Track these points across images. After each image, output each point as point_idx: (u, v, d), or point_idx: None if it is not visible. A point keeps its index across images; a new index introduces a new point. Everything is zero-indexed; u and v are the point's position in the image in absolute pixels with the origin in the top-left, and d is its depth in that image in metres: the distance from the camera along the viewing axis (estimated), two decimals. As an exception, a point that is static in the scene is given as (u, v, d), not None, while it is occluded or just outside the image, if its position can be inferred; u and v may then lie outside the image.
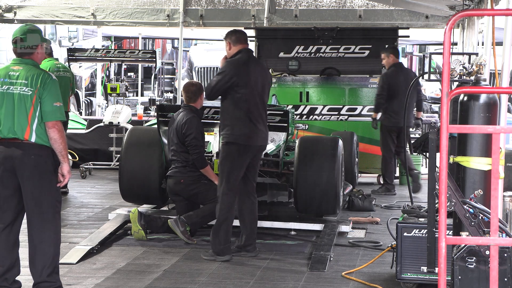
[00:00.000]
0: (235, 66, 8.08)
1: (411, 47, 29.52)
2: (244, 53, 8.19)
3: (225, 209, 8.06)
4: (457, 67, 6.50)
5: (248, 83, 8.05)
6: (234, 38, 8.20)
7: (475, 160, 5.53)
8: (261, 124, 8.14)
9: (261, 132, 8.15)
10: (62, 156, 6.35)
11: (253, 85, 8.08)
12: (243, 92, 8.03)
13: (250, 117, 8.05)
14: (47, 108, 6.30)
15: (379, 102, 12.34)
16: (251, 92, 8.06)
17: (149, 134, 9.86)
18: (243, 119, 8.04)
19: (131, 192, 9.69)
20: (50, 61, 11.71)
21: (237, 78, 8.02)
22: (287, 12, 15.49)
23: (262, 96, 8.19)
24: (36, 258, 6.37)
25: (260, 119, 8.12)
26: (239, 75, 8.04)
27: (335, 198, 9.43)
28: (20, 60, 6.46)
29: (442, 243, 4.03)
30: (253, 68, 8.16)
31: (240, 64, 8.10)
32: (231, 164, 8.05)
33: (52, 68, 11.57)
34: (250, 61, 8.18)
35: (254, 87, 8.09)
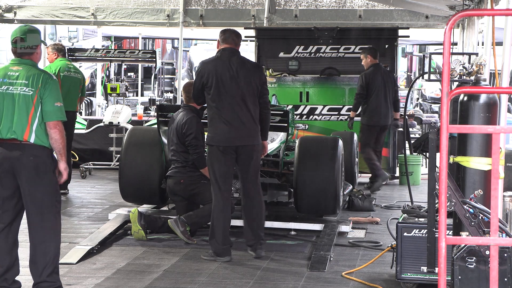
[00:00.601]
0: (203, 66, 8.10)
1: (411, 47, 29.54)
2: (221, 52, 8.14)
3: (214, 211, 8.08)
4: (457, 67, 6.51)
5: (217, 82, 8.00)
6: (222, 37, 8.21)
7: (475, 160, 5.53)
8: (239, 124, 8.03)
9: (239, 132, 8.04)
10: (60, 154, 6.36)
11: (226, 84, 8.01)
12: (212, 92, 8.02)
13: (223, 118, 8.00)
14: (49, 108, 6.30)
15: (358, 101, 12.46)
16: (222, 91, 8.00)
17: (149, 134, 9.86)
18: (215, 120, 8.04)
19: (131, 192, 9.69)
20: (62, 61, 11.77)
21: (205, 78, 8.03)
22: (287, 12, 15.48)
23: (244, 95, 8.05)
24: (36, 258, 6.37)
25: (237, 119, 8.01)
26: (207, 74, 8.03)
27: (335, 198, 9.42)
28: (19, 61, 6.45)
29: (442, 243, 4.03)
30: (227, 66, 8.04)
31: (208, 63, 8.11)
32: (212, 166, 8.08)
33: (63, 68, 11.63)
34: (223, 59, 8.08)
35: (228, 86, 8.01)
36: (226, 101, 8.01)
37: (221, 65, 8.06)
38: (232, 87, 8.02)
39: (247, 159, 8.14)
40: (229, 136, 8.02)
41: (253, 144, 8.14)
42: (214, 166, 8.08)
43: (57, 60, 11.75)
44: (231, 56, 8.12)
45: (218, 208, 8.08)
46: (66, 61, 11.86)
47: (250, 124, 8.09)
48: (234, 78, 8.04)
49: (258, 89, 8.15)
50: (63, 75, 11.52)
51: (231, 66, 8.07)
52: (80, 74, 11.96)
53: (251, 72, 8.15)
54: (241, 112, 8.03)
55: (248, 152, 8.12)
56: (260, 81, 8.20)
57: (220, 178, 8.06)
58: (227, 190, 8.15)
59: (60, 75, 11.50)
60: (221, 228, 8.06)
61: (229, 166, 8.10)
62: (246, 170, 8.17)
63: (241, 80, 8.06)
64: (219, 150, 8.03)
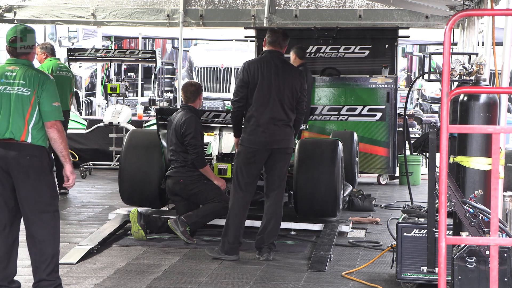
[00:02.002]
0: (248, 65, 8.04)
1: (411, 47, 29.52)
2: (267, 53, 8.13)
3: (232, 210, 8.08)
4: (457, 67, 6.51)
5: (259, 83, 7.98)
6: (270, 39, 8.15)
7: (475, 160, 5.54)
8: (274, 126, 7.99)
9: (274, 135, 8.01)
10: (63, 156, 6.32)
11: (268, 85, 7.99)
12: (253, 93, 8.00)
13: (260, 118, 7.99)
14: (46, 108, 6.29)
15: None
16: (263, 92, 7.98)
17: (149, 137, 9.86)
18: (252, 120, 8.02)
19: (131, 195, 9.69)
20: (52, 61, 11.74)
21: (248, 77, 7.99)
22: (287, 12, 15.48)
23: (283, 98, 8.01)
24: (36, 257, 6.36)
25: (273, 121, 7.98)
26: (251, 74, 7.99)
27: (335, 200, 9.42)
28: (16, 60, 6.44)
29: (442, 243, 4.03)
30: (271, 68, 8.02)
31: (253, 63, 8.07)
32: (240, 166, 8.06)
33: (55, 68, 11.61)
34: (268, 61, 8.05)
35: (269, 88, 7.99)
36: (266, 103, 7.99)
37: (266, 66, 8.03)
38: (273, 89, 8.01)
39: (278, 162, 8.11)
40: (263, 139, 8.00)
41: (287, 147, 8.14)
42: (242, 167, 8.03)
43: (47, 60, 11.70)
44: (275, 58, 8.11)
45: (236, 210, 8.05)
46: (57, 61, 11.85)
47: (285, 128, 8.08)
48: (276, 80, 8.02)
49: (298, 94, 8.14)
50: (56, 75, 11.41)
51: (275, 68, 8.05)
52: (70, 73, 11.94)
53: (293, 77, 8.13)
54: (279, 115, 8.02)
55: (280, 155, 8.10)
56: (301, 87, 8.18)
57: (244, 179, 8.03)
58: (250, 193, 8.12)
59: (52, 75, 11.48)
60: (234, 228, 8.04)
61: (258, 169, 8.09)
62: (274, 173, 8.13)
63: (283, 84, 8.04)
64: (251, 152, 8.01)
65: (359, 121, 13.15)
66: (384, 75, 13.26)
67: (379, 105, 13.10)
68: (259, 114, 7.99)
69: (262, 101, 7.98)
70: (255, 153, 8.01)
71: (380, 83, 13.10)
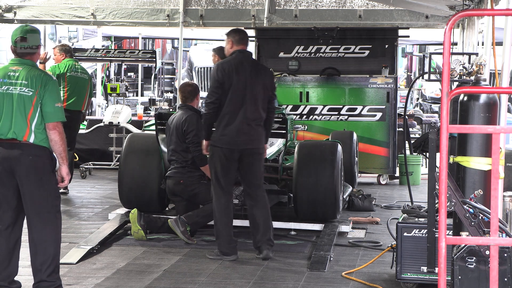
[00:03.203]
0: (221, 66, 8.05)
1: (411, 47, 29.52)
2: (238, 53, 8.13)
3: (217, 212, 8.08)
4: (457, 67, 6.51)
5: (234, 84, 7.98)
6: (237, 38, 8.18)
7: (475, 160, 5.54)
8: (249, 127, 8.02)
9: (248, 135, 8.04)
10: (62, 158, 6.35)
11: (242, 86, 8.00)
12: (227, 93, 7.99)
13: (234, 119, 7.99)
14: (49, 109, 6.30)
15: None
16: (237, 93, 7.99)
17: (148, 141, 9.86)
18: (225, 121, 8.00)
19: (131, 199, 9.69)
20: (69, 61, 11.83)
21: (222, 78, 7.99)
22: (287, 12, 15.48)
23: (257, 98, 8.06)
24: (37, 258, 6.36)
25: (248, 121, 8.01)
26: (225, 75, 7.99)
27: (335, 203, 9.43)
28: (19, 61, 6.45)
29: (442, 243, 4.03)
30: (244, 69, 8.05)
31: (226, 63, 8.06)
32: (215, 167, 8.08)
33: (70, 68, 11.68)
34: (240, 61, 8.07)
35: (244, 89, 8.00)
36: (241, 102, 8.00)
37: (240, 66, 8.06)
38: (248, 89, 8.03)
39: (253, 162, 8.15)
40: (237, 139, 8.02)
41: (258, 147, 8.17)
42: (217, 168, 8.06)
43: (64, 60, 11.80)
44: (247, 58, 8.17)
45: (220, 209, 8.07)
46: (74, 62, 11.91)
47: (258, 128, 8.11)
48: (250, 80, 8.05)
49: (270, 93, 8.20)
50: (70, 75, 11.64)
51: (248, 68, 8.08)
52: (87, 75, 12.01)
53: (266, 76, 8.21)
54: (253, 115, 8.05)
55: (254, 155, 8.14)
56: (272, 86, 8.26)
57: (223, 179, 8.06)
58: (230, 192, 8.17)
59: (67, 75, 11.58)
60: (225, 228, 8.06)
61: (233, 168, 8.10)
62: (251, 173, 8.17)
63: (257, 83, 8.08)
64: (226, 152, 8.02)
65: (359, 121, 13.15)
66: (384, 75, 13.27)
67: (379, 105, 13.11)
68: (234, 114, 7.99)
69: (237, 101, 7.99)
70: (230, 152, 8.03)
71: (380, 83, 13.11)
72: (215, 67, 8.15)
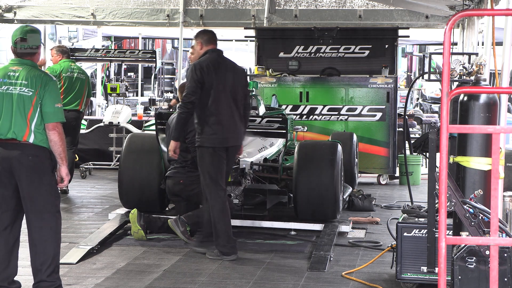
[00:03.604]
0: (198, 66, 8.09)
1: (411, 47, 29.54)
2: (211, 53, 8.21)
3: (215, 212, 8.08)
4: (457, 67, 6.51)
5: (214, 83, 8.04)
6: (206, 38, 8.31)
7: (475, 160, 5.53)
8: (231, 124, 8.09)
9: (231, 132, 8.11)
10: (61, 158, 6.35)
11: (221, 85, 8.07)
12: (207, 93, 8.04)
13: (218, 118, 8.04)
14: (48, 110, 6.30)
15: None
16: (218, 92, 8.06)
17: (148, 141, 9.86)
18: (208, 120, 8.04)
19: (131, 199, 9.69)
20: (65, 62, 11.89)
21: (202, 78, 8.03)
22: (287, 12, 15.49)
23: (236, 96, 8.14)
24: (37, 258, 6.36)
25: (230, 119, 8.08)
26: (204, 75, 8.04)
27: (335, 203, 9.43)
28: (19, 61, 6.45)
29: (442, 243, 4.03)
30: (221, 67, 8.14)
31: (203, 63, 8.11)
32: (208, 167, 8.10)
33: (66, 69, 11.72)
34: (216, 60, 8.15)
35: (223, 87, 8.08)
36: (223, 101, 8.06)
37: (218, 65, 8.13)
38: (228, 87, 8.10)
39: (231, 159, 8.32)
40: (225, 136, 8.06)
41: (240, 145, 8.34)
42: (210, 168, 8.07)
43: (61, 61, 11.85)
44: (221, 57, 8.26)
45: (218, 209, 8.08)
46: (70, 62, 11.94)
47: (240, 125, 8.21)
48: (229, 79, 8.13)
49: (245, 90, 8.30)
50: (66, 75, 11.70)
51: (224, 67, 8.17)
52: (85, 75, 12.03)
53: (240, 74, 8.33)
54: (235, 113, 8.13)
55: (234, 152, 8.30)
56: (246, 83, 8.43)
57: (219, 178, 8.08)
58: (224, 190, 8.19)
59: (62, 75, 11.61)
60: (224, 228, 8.06)
61: (224, 165, 8.15)
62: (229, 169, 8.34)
63: (234, 81, 8.16)
64: (216, 151, 8.05)
65: (359, 121, 13.15)
66: (384, 75, 13.27)
67: (379, 105, 13.11)
68: (220, 112, 8.04)
69: (221, 99, 8.05)
70: (219, 151, 8.07)
71: (380, 83, 13.11)
72: (192, 67, 8.18)
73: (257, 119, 9.50)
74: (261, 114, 10.63)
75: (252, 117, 9.63)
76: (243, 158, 9.73)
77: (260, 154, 10.12)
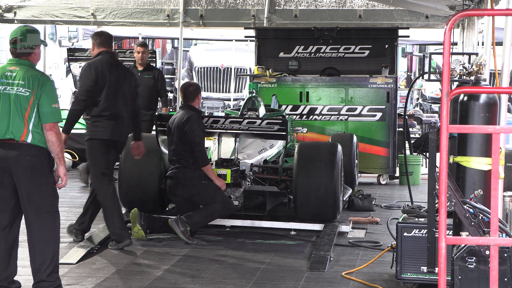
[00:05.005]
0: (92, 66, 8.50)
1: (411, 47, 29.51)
2: (104, 54, 8.60)
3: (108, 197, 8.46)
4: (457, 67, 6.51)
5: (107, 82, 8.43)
6: (99, 40, 8.69)
7: (475, 160, 5.53)
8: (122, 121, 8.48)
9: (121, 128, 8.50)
10: (59, 158, 6.35)
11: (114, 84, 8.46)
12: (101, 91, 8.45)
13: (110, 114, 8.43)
14: (46, 110, 6.30)
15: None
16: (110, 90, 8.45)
17: (148, 142, 9.85)
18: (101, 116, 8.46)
19: (131, 200, 9.68)
20: None
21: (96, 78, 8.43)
22: (287, 12, 15.49)
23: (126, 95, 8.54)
24: (36, 257, 6.36)
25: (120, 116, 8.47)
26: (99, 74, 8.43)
27: (335, 203, 9.43)
28: (17, 61, 6.45)
29: (442, 243, 4.03)
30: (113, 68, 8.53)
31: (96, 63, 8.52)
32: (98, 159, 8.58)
33: None
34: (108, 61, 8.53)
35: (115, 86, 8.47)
36: (115, 100, 8.47)
37: (110, 66, 8.54)
38: (119, 87, 8.51)
39: (118, 154, 8.87)
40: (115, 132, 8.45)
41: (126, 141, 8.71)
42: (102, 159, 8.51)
43: None
44: (113, 59, 8.70)
45: (111, 196, 8.43)
46: None
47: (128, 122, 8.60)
48: (120, 79, 8.55)
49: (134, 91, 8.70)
50: None
51: (116, 68, 8.59)
52: None
53: (129, 75, 8.76)
54: (123, 111, 8.52)
55: (121, 148, 8.72)
56: (136, 83, 8.82)
57: (110, 168, 8.56)
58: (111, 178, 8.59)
59: None
60: (117, 212, 8.43)
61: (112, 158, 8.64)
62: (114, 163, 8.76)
63: (124, 82, 8.58)
64: (104, 143, 8.44)
65: (359, 121, 13.15)
66: (384, 75, 13.27)
67: (379, 105, 13.11)
68: (111, 110, 8.44)
69: (112, 98, 8.46)
70: (107, 144, 8.47)
71: (380, 83, 13.11)
72: (87, 66, 8.60)
73: (257, 121, 9.48)
74: (261, 116, 10.62)
75: (252, 119, 9.63)
76: (243, 160, 9.74)
77: (260, 156, 10.12)
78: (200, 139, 9.01)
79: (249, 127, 9.40)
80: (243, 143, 10.13)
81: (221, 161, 9.67)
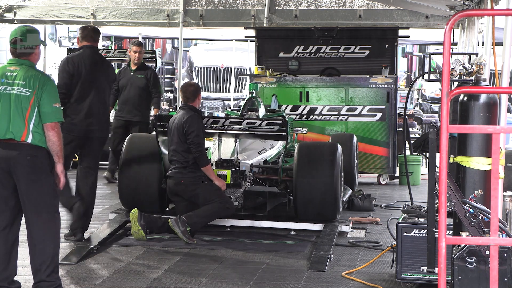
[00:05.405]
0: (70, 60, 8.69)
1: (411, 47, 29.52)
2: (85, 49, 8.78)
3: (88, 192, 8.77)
4: (457, 67, 6.51)
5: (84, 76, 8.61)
6: (82, 35, 8.87)
7: (475, 160, 5.54)
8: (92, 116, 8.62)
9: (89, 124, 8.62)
10: (58, 157, 6.37)
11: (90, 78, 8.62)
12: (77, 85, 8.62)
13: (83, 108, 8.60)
14: (47, 110, 6.30)
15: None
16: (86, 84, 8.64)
17: (148, 143, 9.86)
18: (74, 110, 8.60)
19: (131, 201, 9.68)
20: None
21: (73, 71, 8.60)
22: (287, 12, 15.49)
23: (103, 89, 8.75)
24: (36, 257, 6.36)
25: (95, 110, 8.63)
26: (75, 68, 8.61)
27: (335, 204, 9.43)
28: (17, 61, 6.45)
29: (442, 243, 4.03)
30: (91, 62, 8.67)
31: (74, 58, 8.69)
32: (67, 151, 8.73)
33: None
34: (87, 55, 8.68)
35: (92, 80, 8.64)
36: (89, 94, 8.61)
37: (88, 60, 8.68)
38: (94, 81, 8.67)
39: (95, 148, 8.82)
40: (84, 127, 8.59)
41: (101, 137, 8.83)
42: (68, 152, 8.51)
43: None
44: (94, 53, 8.84)
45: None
46: None
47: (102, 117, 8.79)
48: (97, 73, 8.69)
49: (111, 86, 9.07)
50: None
51: (94, 62, 8.73)
52: None
53: (108, 70, 8.93)
54: (97, 106, 8.69)
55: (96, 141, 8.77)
56: (113, 79, 9.14)
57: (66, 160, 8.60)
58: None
59: None
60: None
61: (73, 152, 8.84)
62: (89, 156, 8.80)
63: (102, 76, 8.75)
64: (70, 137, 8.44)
65: (359, 121, 13.15)
66: (384, 75, 13.27)
67: (379, 105, 13.11)
68: (82, 104, 8.59)
69: (85, 91, 8.61)
70: (73, 139, 8.57)
71: (380, 83, 13.11)
72: (65, 60, 8.80)
73: (257, 122, 9.48)
74: (261, 116, 10.62)
75: (252, 119, 9.63)
76: (243, 161, 9.74)
77: (260, 156, 10.12)
78: (200, 140, 9.01)
79: (249, 127, 9.40)
80: (243, 144, 10.13)
81: (221, 161, 9.67)
